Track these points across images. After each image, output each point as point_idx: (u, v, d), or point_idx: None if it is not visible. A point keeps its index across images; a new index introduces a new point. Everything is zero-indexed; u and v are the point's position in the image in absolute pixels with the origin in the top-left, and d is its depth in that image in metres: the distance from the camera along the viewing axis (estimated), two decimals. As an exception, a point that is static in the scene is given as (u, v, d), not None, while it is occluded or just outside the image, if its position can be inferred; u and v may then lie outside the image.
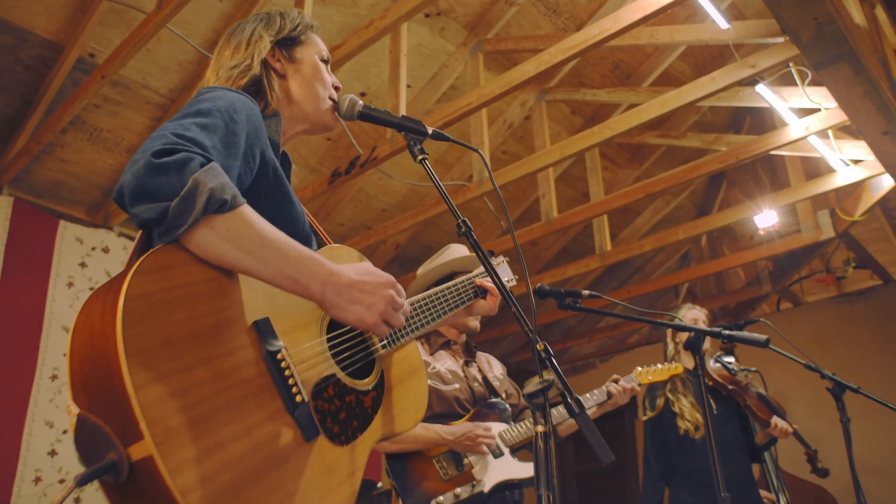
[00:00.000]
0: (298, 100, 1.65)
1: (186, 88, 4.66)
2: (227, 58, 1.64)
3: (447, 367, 2.88)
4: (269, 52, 1.64)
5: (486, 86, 3.88)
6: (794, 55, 3.57)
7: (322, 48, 1.77)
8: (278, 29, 1.68)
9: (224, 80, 1.58)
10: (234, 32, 1.71)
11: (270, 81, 1.62)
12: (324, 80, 1.70)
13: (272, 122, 1.58)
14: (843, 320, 6.34)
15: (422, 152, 1.68)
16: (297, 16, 1.75)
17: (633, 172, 6.60)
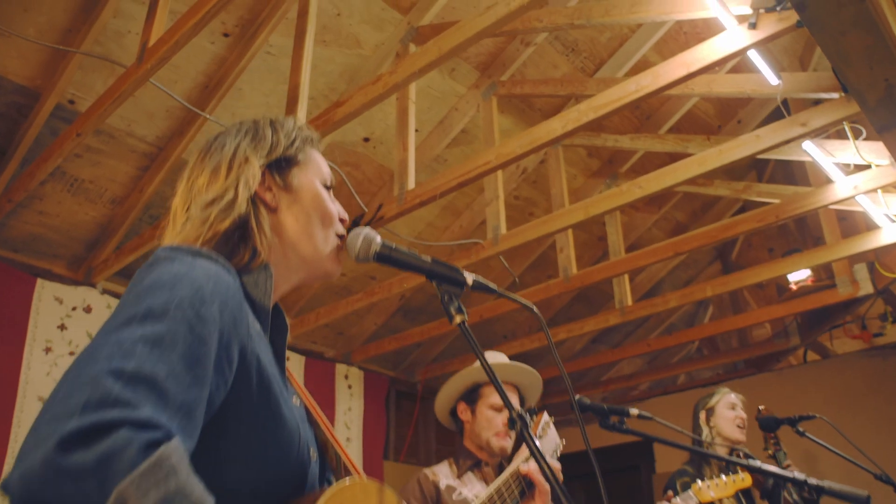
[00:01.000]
0: (294, 241, 1.25)
1: (175, 136, 4.28)
2: (201, 186, 1.22)
3: (475, 493, 2.50)
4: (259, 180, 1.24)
5: (507, 143, 3.50)
6: (852, 114, 3.20)
7: (324, 170, 1.35)
8: (270, 147, 1.27)
9: (198, 225, 1.16)
10: (211, 148, 1.29)
11: (260, 222, 1.21)
12: (328, 213, 1.29)
13: (260, 279, 1.17)
14: (876, 375, 5.94)
15: (459, 311, 1.26)
16: (294, 127, 1.34)
17: (652, 216, 6.21)
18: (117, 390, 0.77)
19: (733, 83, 3.61)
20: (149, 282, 0.96)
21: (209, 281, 0.99)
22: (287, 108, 3.52)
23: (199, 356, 0.90)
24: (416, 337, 5.61)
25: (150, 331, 0.86)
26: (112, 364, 0.80)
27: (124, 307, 0.92)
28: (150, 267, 1.01)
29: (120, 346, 0.83)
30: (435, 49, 2.86)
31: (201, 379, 0.89)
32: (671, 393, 7.20)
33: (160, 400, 0.80)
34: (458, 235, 5.54)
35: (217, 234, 1.16)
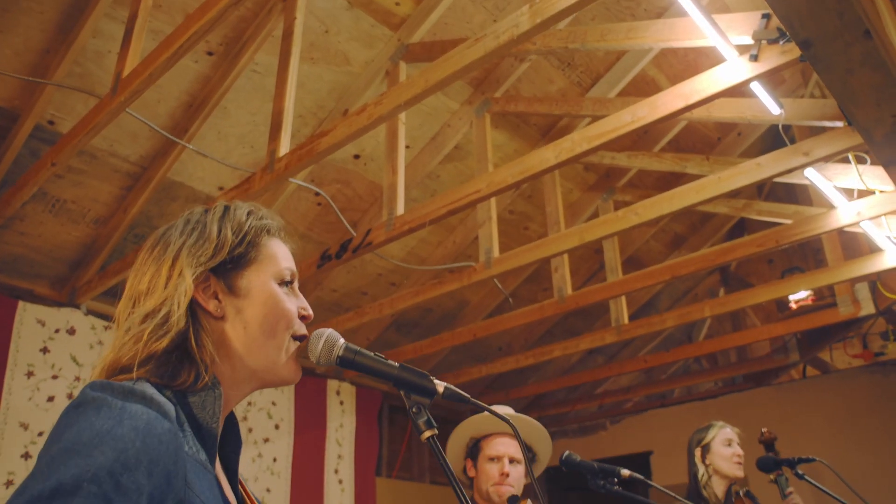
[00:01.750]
0: (246, 352, 1.13)
1: (159, 156, 4.16)
2: (143, 291, 1.11)
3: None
4: (201, 286, 1.12)
5: (498, 172, 3.38)
6: (856, 144, 3.08)
7: (282, 265, 1.20)
8: (214, 250, 1.13)
9: (132, 343, 1.04)
10: (156, 246, 1.16)
11: (201, 339, 1.09)
12: (282, 316, 1.16)
13: (207, 400, 1.05)
14: (877, 391, 5.83)
15: (429, 426, 1.16)
16: (247, 218, 1.19)
17: (650, 229, 6.10)
18: None
19: (733, 108, 3.49)
20: (67, 441, 0.85)
21: (136, 438, 0.87)
22: (270, 135, 3.40)
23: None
24: (410, 354, 5.51)
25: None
26: None
27: (36, 473, 0.81)
28: (77, 409, 0.90)
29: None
30: (421, 81, 2.74)
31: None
32: (668, 406, 7.10)
33: None
34: (452, 251, 5.42)
35: (154, 355, 1.04)
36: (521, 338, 6.52)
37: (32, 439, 4.19)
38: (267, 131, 4.26)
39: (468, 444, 2.70)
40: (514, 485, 2.56)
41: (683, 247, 6.50)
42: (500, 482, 2.54)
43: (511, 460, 2.57)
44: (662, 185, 5.64)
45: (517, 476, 2.57)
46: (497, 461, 2.58)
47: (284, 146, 3.26)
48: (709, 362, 7.25)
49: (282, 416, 5.50)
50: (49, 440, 0.88)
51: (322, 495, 5.53)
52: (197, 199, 4.46)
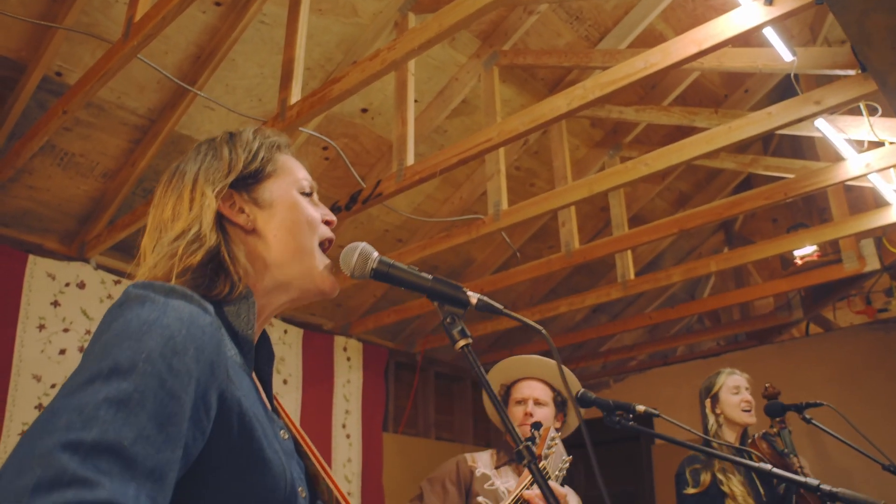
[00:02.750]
0: (278, 262, 1.16)
1: (167, 108, 4.15)
2: (166, 221, 1.15)
3: (507, 488, 2.51)
4: (226, 203, 1.15)
5: (509, 120, 3.38)
6: (868, 93, 3.07)
7: (299, 175, 1.24)
8: (228, 167, 1.17)
9: (167, 259, 1.08)
10: (173, 178, 1.20)
11: (233, 251, 1.12)
12: (312, 221, 1.20)
13: (242, 309, 1.09)
14: (879, 348, 5.88)
15: (463, 335, 1.18)
16: (254, 137, 1.24)
17: (655, 187, 6.10)
18: (73, 467, 0.68)
19: (744, 57, 3.48)
20: (116, 329, 0.87)
21: (182, 327, 0.90)
22: (281, 84, 3.40)
23: (170, 414, 0.82)
24: (416, 310, 5.54)
25: (116, 390, 0.78)
26: (69, 435, 0.71)
27: (89, 359, 0.84)
28: (120, 308, 0.92)
29: (80, 412, 0.74)
30: (435, 25, 2.73)
31: (174, 438, 0.82)
32: (671, 364, 7.17)
33: (126, 469, 0.73)
34: (458, 207, 5.43)
35: (189, 268, 1.08)
36: (527, 295, 6.56)
37: (45, 391, 4.23)
38: (275, 84, 4.26)
39: (500, 393, 2.79)
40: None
41: (688, 205, 6.50)
42: (524, 423, 2.60)
43: (536, 402, 2.62)
44: (669, 142, 5.61)
45: (543, 416, 2.63)
46: (522, 403, 2.65)
47: (296, 94, 3.25)
48: (711, 321, 7.30)
49: (290, 372, 5.55)
50: (95, 336, 0.90)
51: (330, 449, 5.60)
52: (205, 152, 4.46)
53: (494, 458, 2.73)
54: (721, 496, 3.17)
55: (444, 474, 2.61)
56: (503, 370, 2.75)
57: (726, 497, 3.16)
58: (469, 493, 2.53)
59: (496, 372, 2.76)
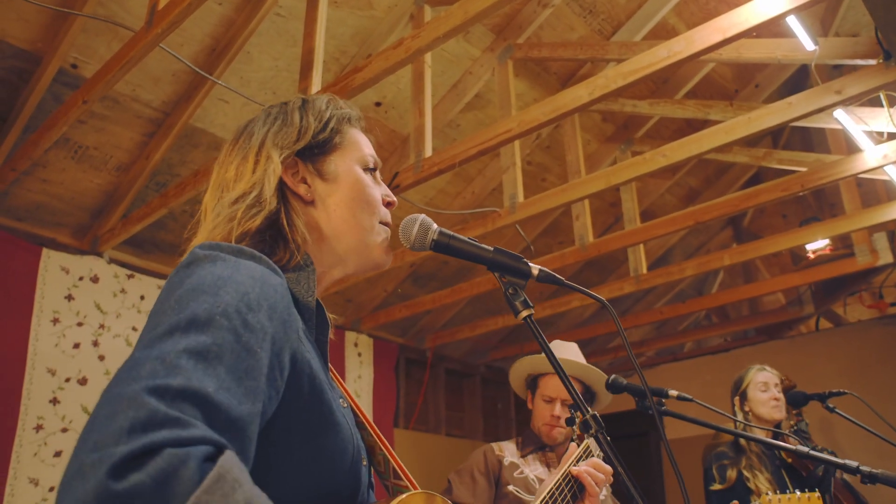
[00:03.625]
0: (336, 235, 1.16)
1: (182, 101, 4.14)
2: (229, 180, 1.14)
3: (536, 475, 2.50)
4: (290, 171, 1.14)
5: (529, 110, 3.37)
6: (889, 82, 3.08)
7: (366, 151, 1.24)
8: (298, 134, 1.16)
9: (226, 222, 1.07)
10: (240, 137, 1.20)
11: (292, 219, 1.11)
12: (371, 201, 1.19)
13: (302, 276, 1.08)
14: (890, 343, 5.88)
15: (526, 305, 1.17)
16: (327, 107, 1.22)
17: (665, 182, 6.11)
18: (164, 409, 0.68)
19: (763, 48, 3.48)
20: (190, 285, 0.86)
21: (255, 284, 0.89)
22: (301, 74, 3.39)
23: (248, 368, 0.81)
24: (427, 305, 5.54)
25: (195, 342, 0.77)
26: (156, 381, 0.71)
27: (164, 313, 0.83)
28: (189, 267, 0.91)
29: (163, 361, 0.74)
30: (460, 12, 2.72)
31: (253, 392, 0.81)
32: (680, 360, 7.17)
33: (210, 417, 0.72)
34: (471, 202, 5.43)
35: (249, 232, 1.07)
36: (537, 291, 6.55)
37: (60, 384, 4.22)
38: (290, 77, 4.26)
39: (527, 379, 2.79)
40: (566, 427, 2.60)
41: (698, 200, 6.50)
42: (551, 423, 2.60)
43: (564, 402, 2.61)
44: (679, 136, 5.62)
45: None
46: (551, 402, 2.63)
47: (316, 84, 3.24)
48: (718, 317, 7.30)
49: (301, 367, 5.53)
50: (165, 293, 0.88)
51: (341, 444, 5.59)
52: (219, 145, 4.44)
53: (519, 446, 2.72)
54: (747, 493, 3.16)
55: (472, 465, 2.60)
56: (532, 361, 2.74)
57: (752, 494, 3.15)
58: (499, 483, 2.52)
59: (527, 362, 2.75)
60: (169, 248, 4.95)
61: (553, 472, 1.73)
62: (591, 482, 1.65)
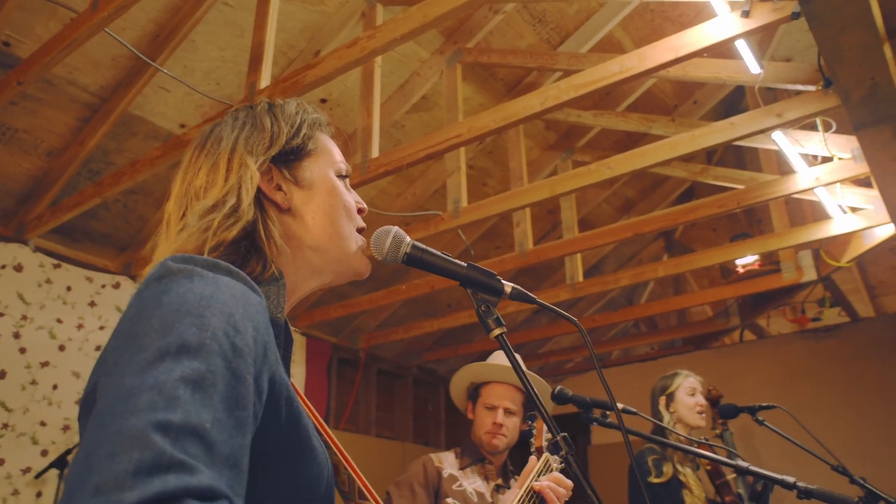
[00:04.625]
0: (315, 244, 1.11)
1: (121, 87, 4.00)
2: (198, 189, 1.07)
3: (475, 489, 2.48)
4: (265, 177, 1.09)
5: (480, 117, 3.38)
6: (827, 108, 3.19)
7: (337, 157, 1.19)
8: (270, 140, 1.11)
9: (199, 233, 1.01)
10: (207, 143, 1.12)
11: (269, 229, 1.06)
12: (350, 209, 1.16)
13: (272, 291, 1.02)
14: (810, 356, 6.13)
15: (499, 324, 1.17)
16: (297, 111, 1.17)
17: (603, 192, 6.20)
18: (169, 450, 0.63)
19: (710, 68, 3.57)
20: (171, 305, 0.80)
21: (238, 304, 0.84)
22: (249, 67, 3.32)
23: (237, 397, 0.76)
24: (364, 305, 5.49)
25: (189, 369, 0.72)
26: (157, 415, 0.66)
27: (147, 335, 0.76)
28: (162, 281, 0.85)
29: (161, 391, 0.68)
30: (419, 15, 2.71)
31: (243, 423, 0.75)
32: (608, 367, 7.30)
33: (209, 455, 0.68)
34: (412, 203, 5.41)
35: (223, 243, 1.01)
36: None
37: (-23, 376, 4.03)
38: (235, 68, 4.16)
39: (468, 388, 2.75)
40: (508, 435, 2.60)
41: (633, 211, 6.63)
42: (493, 431, 2.58)
43: (507, 411, 2.60)
44: (620, 148, 5.73)
45: (511, 427, 2.61)
46: (493, 410, 2.61)
47: (265, 79, 3.18)
48: (647, 326, 7.46)
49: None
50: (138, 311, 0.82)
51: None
52: (157, 135, 4.32)
53: (458, 458, 2.67)
54: (680, 487, 3.23)
55: (411, 477, 2.55)
56: (475, 370, 2.72)
57: (684, 488, 3.22)
58: (438, 494, 2.49)
59: (470, 371, 2.72)
60: (100, 239, 4.78)
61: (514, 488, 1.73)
62: (552, 497, 1.66)
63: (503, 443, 2.58)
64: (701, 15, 4.81)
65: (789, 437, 2.98)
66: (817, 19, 2.41)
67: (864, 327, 6.10)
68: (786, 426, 3.06)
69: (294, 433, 0.92)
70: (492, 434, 2.57)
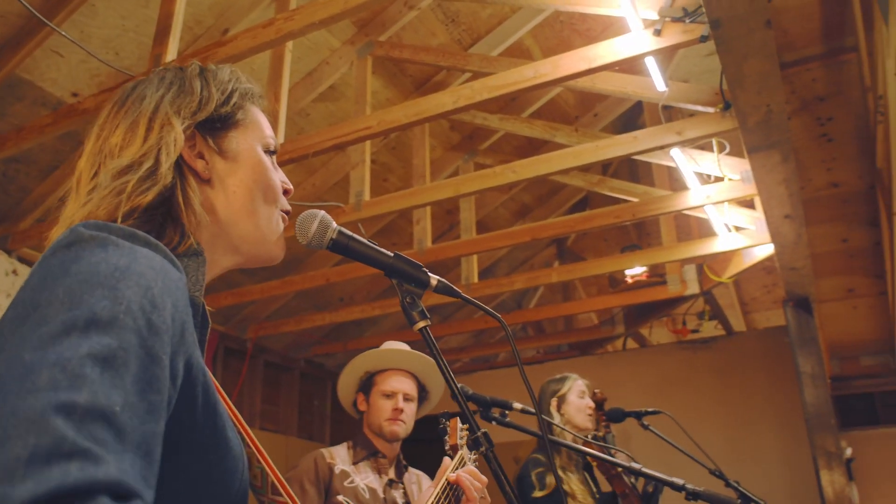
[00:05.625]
0: (233, 220, 1.04)
1: (9, 47, 3.74)
2: (114, 147, 0.99)
3: (367, 484, 2.43)
4: (187, 143, 1.01)
5: (392, 111, 3.35)
6: (724, 130, 3.35)
7: (267, 132, 1.12)
8: (199, 104, 1.03)
9: (111, 195, 0.93)
10: (127, 100, 1.04)
11: (188, 196, 0.99)
12: (274, 187, 1.09)
13: (191, 267, 0.95)
14: (686, 366, 6.42)
15: (423, 316, 1.16)
16: (230, 78, 1.10)
17: (502, 196, 6.29)
18: (72, 435, 0.56)
19: (617, 82, 3.67)
20: (80, 273, 0.73)
21: (157, 278, 0.77)
22: (155, 39, 3.18)
23: (151, 378, 0.69)
24: (255, 294, 5.36)
25: (98, 345, 0.65)
26: (60, 395, 0.59)
27: (51, 304, 0.69)
28: (71, 248, 0.77)
29: (64, 368, 0.61)
30: (340, 1, 2.66)
31: (157, 408, 0.69)
32: (495, 368, 7.40)
33: (118, 442, 0.61)
34: (311, 193, 5.32)
35: (138, 208, 0.93)
36: (364, 290, 6.53)
37: None
38: (136, 38, 3.98)
39: (362, 378, 2.67)
40: (407, 422, 2.58)
41: (528, 217, 6.76)
42: (393, 418, 2.55)
43: (406, 397, 2.59)
44: (521, 154, 5.84)
45: (410, 413, 2.59)
46: (391, 397, 2.58)
47: (171, 52, 3.05)
48: (534, 330, 7.62)
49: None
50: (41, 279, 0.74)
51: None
52: (46, 102, 4.07)
53: (351, 452, 2.62)
54: (563, 497, 3.30)
55: (301, 473, 2.48)
56: (372, 358, 2.67)
57: (568, 496, 3.29)
58: (329, 492, 2.45)
59: (365, 358, 2.66)
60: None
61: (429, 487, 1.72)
62: (470, 486, 1.66)
63: (403, 429, 2.57)
64: (608, 31, 4.97)
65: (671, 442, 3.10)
66: (725, 44, 2.52)
67: (737, 341, 6.44)
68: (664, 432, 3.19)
69: (209, 423, 0.84)
70: (393, 420, 2.54)
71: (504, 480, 1.09)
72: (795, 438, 5.87)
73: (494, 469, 1.10)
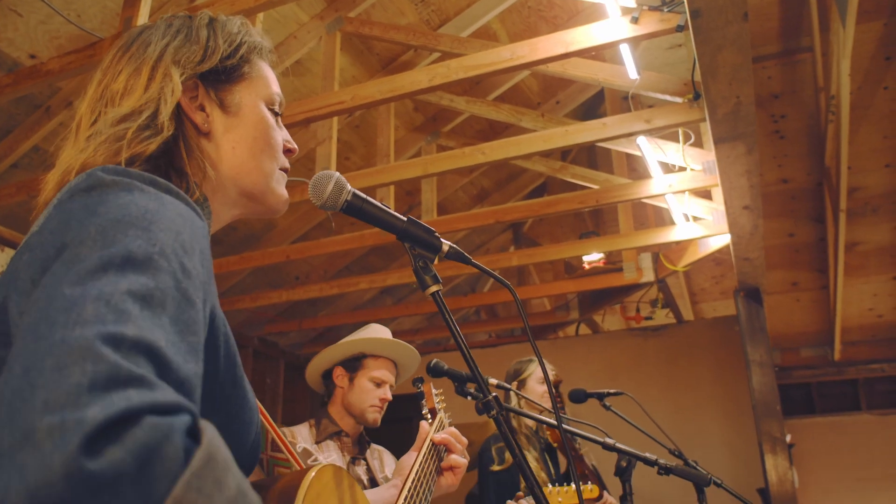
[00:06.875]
0: (232, 175, 1.02)
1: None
2: (115, 93, 0.97)
3: (331, 462, 2.43)
4: (188, 94, 1.00)
5: (366, 86, 3.34)
6: (692, 121, 3.43)
7: (273, 89, 1.10)
8: (203, 55, 1.01)
9: (109, 142, 0.91)
10: (132, 46, 1.02)
11: (191, 147, 0.98)
12: (275, 145, 1.06)
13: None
14: (636, 353, 6.56)
15: (436, 280, 1.17)
16: (239, 30, 1.07)
17: (462, 179, 6.31)
18: (125, 364, 0.56)
19: (588, 69, 3.71)
20: (110, 214, 0.71)
21: (185, 224, 0.76)
22: (126, 1, 3.09)
23: (188, 320, 0.68)
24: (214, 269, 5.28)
25: (137, 283, 0.64)
26: (107, 327, 0.58)
27: (83, 244, 0.68)
28: (93, 192, 0.76)
29: (108, 302, 0.60)
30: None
31: (195, 349, 0.68)
32: (448, 351, 7.44)
33: (166, 377, 0.60)
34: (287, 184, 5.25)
35: (140, 158, 0.91)
36: (321, 269, 6.50)
37: None
38: (99, 1, 3.87)
39: (352, 355, 2.61)
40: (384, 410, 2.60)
41: (487, 201, 6.80)
42: (379, 406, 2.55)
43: (390, 387, 2.61)
44: (483, 137, 5.87)
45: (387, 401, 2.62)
46: (380, 386, 2.57)
47: (143, 16, 2.98)
48: (487, 314, 7.68)
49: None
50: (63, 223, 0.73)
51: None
52: (2, 63, 3.93)
53: (313, 430, 2.58)
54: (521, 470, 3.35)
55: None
56: (372, 343, 2.60)
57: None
58: None
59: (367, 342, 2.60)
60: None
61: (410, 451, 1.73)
62: (455, 444, 1.69)
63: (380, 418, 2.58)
64: (574, 19, 5.02)
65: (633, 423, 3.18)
66: (702, 34, 2.58)
67: (685, 329, 6.60)
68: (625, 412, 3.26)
69: (230, 373, 0.84)
70: (378, 408, 2.55)
71: (514, 443, 1.11)
72: (739, 424, 6.06)
73: (504, 432, 1.12)
